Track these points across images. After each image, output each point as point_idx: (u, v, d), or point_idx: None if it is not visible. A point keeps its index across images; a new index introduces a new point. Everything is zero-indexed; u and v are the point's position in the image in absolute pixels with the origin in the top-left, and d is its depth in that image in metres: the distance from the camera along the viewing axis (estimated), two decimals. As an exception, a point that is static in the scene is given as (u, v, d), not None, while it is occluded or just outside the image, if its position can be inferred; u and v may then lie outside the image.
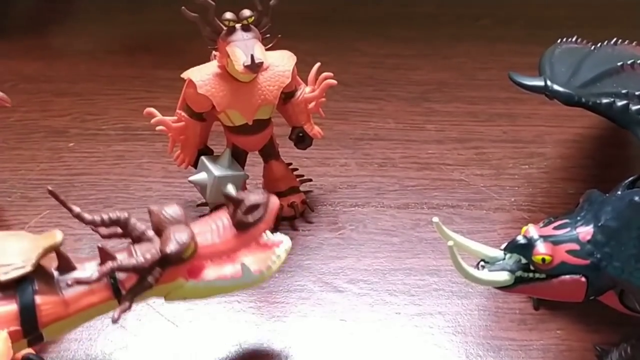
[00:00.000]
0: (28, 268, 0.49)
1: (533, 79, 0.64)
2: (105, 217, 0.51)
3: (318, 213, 0.73)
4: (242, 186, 0.69)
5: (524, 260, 0.53)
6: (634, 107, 0.59)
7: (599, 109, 0.61)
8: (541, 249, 0.53)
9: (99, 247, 0.50)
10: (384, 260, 0.68)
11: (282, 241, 0.56)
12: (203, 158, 0.68)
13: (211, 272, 0.54)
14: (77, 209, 0.51)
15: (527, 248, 0.53)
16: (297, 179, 0.73)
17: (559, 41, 0.71)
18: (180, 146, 0.68)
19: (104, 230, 0.52)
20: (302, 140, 0.70)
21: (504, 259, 0.54)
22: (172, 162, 0.70)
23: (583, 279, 0.53)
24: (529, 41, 0.96)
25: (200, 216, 0.71)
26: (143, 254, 0.50)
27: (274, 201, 0.53)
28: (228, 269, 0.54)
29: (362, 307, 0.64)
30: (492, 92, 0.90)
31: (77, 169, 0.78)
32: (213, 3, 0.62)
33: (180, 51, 0.94)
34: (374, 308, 0.64)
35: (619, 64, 0.64)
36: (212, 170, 0.67)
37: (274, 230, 0.57)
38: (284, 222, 0.72)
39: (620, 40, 0.70)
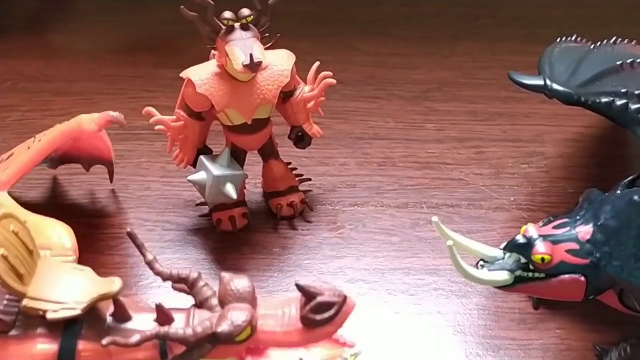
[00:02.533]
0: (77, 312, 0.47)
1: (532, 78, 0.64)
2: (174, 272, 0.49)
3: (317, 212, 0.73)
4: (241, 185, 0.69)
5: (523, 260, 0.53)
6: (633, 106, 0.59)
7: (598, 108, 0.61)
8: (540, 249, 0.53)
9: (156, 305, 0.47)
10: (383, 260, 0.68)
11: (353, 344, 0.52)
12: (202, 157, 0.68)
13: (275, 356, 0.51)
14: (150, 257, 0.49)
15: (526, 247, 0.53)
16: (297, 179, 0.73)
17: (558, 40, 0.71)
18: (179, 145, 0.68)
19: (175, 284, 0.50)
20: (301, 139, 0.70)
21: (504, 258, 0.54)
22: (171, 161, 0.70)
23: (582, 278, 0.53)
24: (528, 40, 0.96)
25: (200, 215, 0.72)
26: (194, 326, 0.47)
27: (350, 304, 0.48)
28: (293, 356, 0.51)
29: (361, 306, 0.64)
30: (492, 91, 0.90)
31: (77, 169, 0.78)
32: (212, 2, 0.62)
33: (180, 51, 0.94)
34: (373, 307, 0.64)
35: (618, 62, 0.63)
36: (211, 170, 0.67)
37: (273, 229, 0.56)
38: (283, 221, 0.72)
39: (619, 39, 0.70)
